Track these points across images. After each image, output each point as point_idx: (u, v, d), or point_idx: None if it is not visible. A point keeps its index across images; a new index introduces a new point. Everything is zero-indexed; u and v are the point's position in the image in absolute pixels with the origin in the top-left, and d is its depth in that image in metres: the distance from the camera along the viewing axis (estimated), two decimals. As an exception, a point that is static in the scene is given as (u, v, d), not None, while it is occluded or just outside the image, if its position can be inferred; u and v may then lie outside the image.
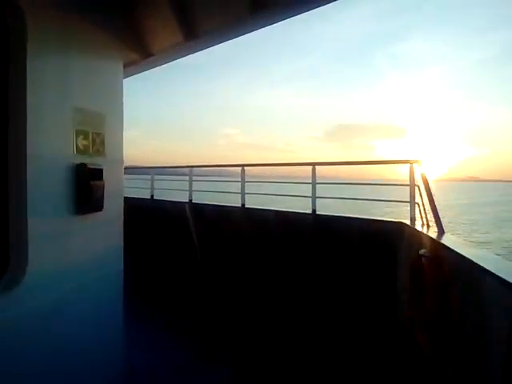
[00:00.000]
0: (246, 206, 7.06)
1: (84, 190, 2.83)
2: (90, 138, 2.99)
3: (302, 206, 6.68)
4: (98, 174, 2.97)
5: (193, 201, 8.32)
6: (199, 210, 8.06)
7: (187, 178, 8.47)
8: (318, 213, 6.03)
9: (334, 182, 6.92)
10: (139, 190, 10.22)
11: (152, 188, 9.53)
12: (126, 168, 11.70)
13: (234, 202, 7.53)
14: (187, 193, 8.45)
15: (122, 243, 3.41)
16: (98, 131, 3.08)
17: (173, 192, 9.53)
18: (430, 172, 5.08)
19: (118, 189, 3.38)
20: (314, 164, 6.04)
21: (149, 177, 9.56)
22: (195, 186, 8.52)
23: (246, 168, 7.27)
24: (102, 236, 3.13)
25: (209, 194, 9.20)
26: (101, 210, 2.99)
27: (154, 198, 9.45)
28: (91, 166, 2.90)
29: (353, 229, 5.58)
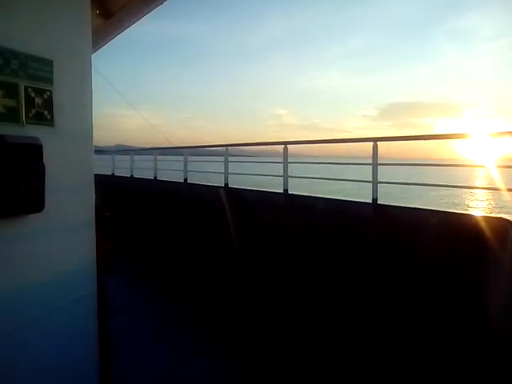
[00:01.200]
0: (290, 193, 5.81)
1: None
2: (22, 94, 1.87)
3: (359, 194, 5.34)
4: (31, 153, 1.84)
5: (229, 185, 7.18)
6: (236, 195, 6.93)
7: (223, 158, 7.34)
8: (379, 203, 4.67)
9: (399, 164, 5.44)
10: (174, 172, 9.30)
11: (185, 170, 8.51)
12: (158, 148, 10.42)
13: (277, 186, 6.34)
14: (223, 176, 7.33)
15: (92, 257, 2.31)
16: (39, 86, 1.96)
17: (208, 175, 8.49)
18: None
19: (84, 178, 2.26)
20: (374, 140, 4.65)
21: (182, 158, 8.54)
22: (232, 168, 7.37)
23: (289, 147, 5.98)
24: (48, 250, 2.03)
25: (247, 178, 8.01)
26: (39, 211, 1.89)
27: (188, 181, 8.45)
28: (17, 141, 1.79)
29: (427, 225, 4.17)
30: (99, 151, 17.13)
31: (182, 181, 8.34)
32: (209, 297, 5.72)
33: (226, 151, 7.31)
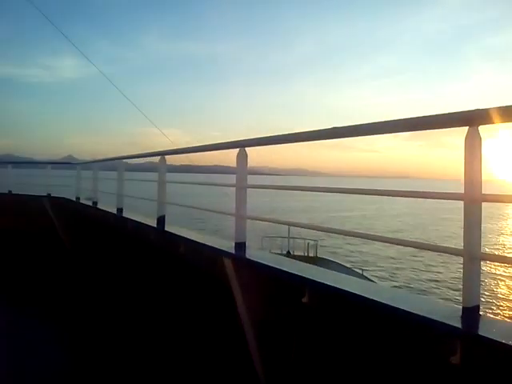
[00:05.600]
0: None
1: None
2: None
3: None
4: None
5: (165, 228, 4.11)
6: (175, 249, 3.78)
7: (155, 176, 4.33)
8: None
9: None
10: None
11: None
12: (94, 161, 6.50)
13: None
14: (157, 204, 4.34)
15: None
16: None
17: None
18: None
19: None
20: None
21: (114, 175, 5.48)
22: (172, 190, 4.39)
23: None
24: None
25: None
26: None
27: (166, 228, 4.90)
28: None
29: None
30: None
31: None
32: None
33: (161, 162, 4.23)
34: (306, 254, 13.18)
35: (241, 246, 2.99)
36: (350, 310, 2.06)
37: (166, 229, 4.19)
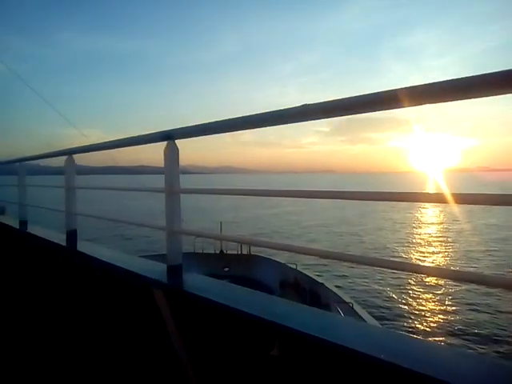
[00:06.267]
0: None
1: None
2: None
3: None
4: None
5: (77, 247, 3.20)
6: (90, 273, 2.94)
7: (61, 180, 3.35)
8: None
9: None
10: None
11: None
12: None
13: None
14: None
15: None
16: None
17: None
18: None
19: None
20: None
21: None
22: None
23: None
24: None
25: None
26: None
27: (28, 229, 4.28)
28: None
29: None
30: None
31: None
32: None
33: (68, 164, 3.28)
34: (239, 253, 12.73)
35: (175, 272, 2.23)
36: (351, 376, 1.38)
37: (78, 247, 3.25)
